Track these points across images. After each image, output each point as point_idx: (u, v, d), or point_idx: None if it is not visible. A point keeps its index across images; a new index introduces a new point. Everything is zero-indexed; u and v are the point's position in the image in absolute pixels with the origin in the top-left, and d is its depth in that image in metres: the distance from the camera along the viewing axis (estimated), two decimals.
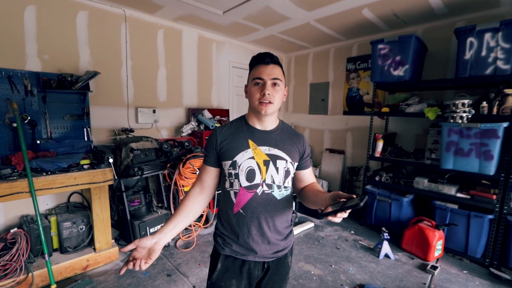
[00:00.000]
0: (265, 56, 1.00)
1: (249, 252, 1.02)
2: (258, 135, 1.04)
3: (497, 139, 2.21)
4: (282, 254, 1.08)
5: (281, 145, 1.05)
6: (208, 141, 1.08)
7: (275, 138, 1.06)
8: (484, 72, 2.35)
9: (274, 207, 1.02)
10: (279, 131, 1.08)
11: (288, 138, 1.08)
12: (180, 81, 3.44)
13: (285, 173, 1.04)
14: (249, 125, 1.06)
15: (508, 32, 2.20)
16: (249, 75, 1.04)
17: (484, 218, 2.38)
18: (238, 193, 1.01)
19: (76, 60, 2.60)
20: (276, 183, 1.02)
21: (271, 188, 1.01)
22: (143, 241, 0.87)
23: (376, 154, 3.13)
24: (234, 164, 1.00)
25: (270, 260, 1.05)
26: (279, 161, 1.02)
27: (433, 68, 3.15)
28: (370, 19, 3.05)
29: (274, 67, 0.99)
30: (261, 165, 1.00)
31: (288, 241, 1.09)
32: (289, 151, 1.05)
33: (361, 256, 2.62)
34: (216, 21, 3.21)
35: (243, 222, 1.01)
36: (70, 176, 2.10)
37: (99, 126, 2.79)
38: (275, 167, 1.02)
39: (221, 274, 1.04)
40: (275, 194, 1.02)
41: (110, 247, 2.43)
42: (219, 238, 1.07)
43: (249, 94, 1.02)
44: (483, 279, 2.28)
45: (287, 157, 1.04)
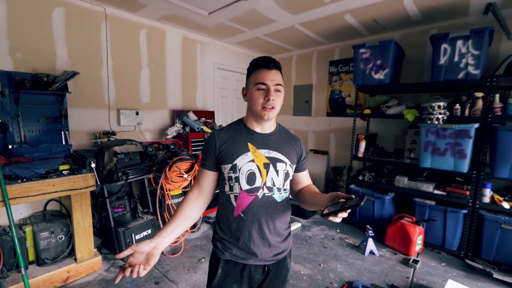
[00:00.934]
0: (268, 61, 0.99)
1: (250, 256, 1.02)
2: (257, 138, 1.05)
3: (470, 139, 2.38)
4: (282, 257, 1.08)
5: (280, 148, 1.06)
6: (206, 144, 1.07)
7: (273, 141, 1.06)
8: (457, 76, 2.52)
9: (274, 209, 1.03)
10: (277, 134, 1.09)
11: (286, 141, 1.09)
12: (164, 82, 3.36)
13: (285, 175, 1.05)
14: (248, 128, 1.06)
15: (477, 39, 2.38)
16: (250, 79, 1.03)
17: (459, 212, 2.54)
18: (239, 197, 1.00)
19: (52, 60, 2.45)
20: (276, 185, 1.03)
21: (271, 191, 1.02)
22: (141, 246, 0.83)
23: (359, 154, 3.24)
24: (234, 168, 1.00)
25: (270, 263, 1.05)
26: (279, 163, 1.03)
27: (410, 72, 3.32)
28: (352, 24, 3.17)
29: (276, 72, 1.00)
30: (262, 168, 1.01)
31: (287, 243, 1.10)
32: (288, 154, 1.07)
33: (348, 254, 2.70)
34: (201, 22, 3.17)
35: (243, 225, 1.00)
36: (48, 183, 1.97)
37: (78, 129, 2.65)
38: (275, 169, 1.03)
39: (221, 279, 1.03)
40: (275, 197, 1.03)
41: (92, 257, 2.30)
42: (219, 243, 1.06)
43: (251, 99, 1.01)
44: (459, 270, 2.43)
45: (286, 159, 1.05)
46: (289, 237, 1.12)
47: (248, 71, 1.05)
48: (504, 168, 2.27)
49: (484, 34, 2.34)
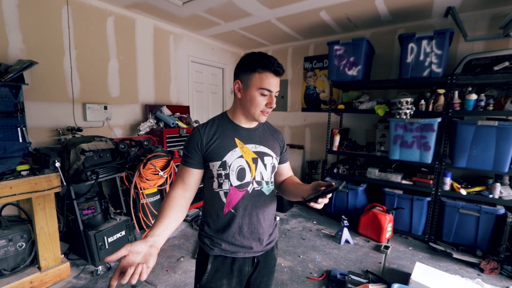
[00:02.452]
0: (278, 66, 0.94)
1: (239, 249, 1.02)
2: (244, 133, 1.04)
3: (433, 132, 2.58)
4: (270, 247, 1.10)
5: (265, 142, 1.07)
6: (190, 141, 1.00)
7: (259, 135, 1.07)
8: (422, 74, 2.70)
9: (263, 202, 1.04)
10: (261, 128, 1.10)
11: (270, 135, 1.11)
12: (134, 75, 3.16)
13: (272, 168, 1.07)
14: (233, 123, 1.04)
15: (440, 40, 2.57)
16: (253, 79, 0.94)
17: (424, 200, 2.76)
18: (229, 193, 0.99)
19: (4, 46, 2.17)
20: (265, 179, 1.04)
21: (260, 184, 1.03)
22: (137, 245, 0.73)
23: (333, 148, 3.36)
24: (224, 165, 0.98)
25: (259, 255, 1.07)
26: (266, 157, 1.05)
27: (379, 69, 3.50)
28: (326, 21, 3.24)
29: (279, 79, 0.98)
30: (251, 163, 1.01)
31: (275, 234, 1.13)
32: (273, 147, 1.09)
33: (325, 244, 2.80)
34: (175, 12, 3.02)
35: (234, 221, 1.00)
36: (4, 185, 1.77)
37: (37, 125, 2.39)
38: (263, 163, 1.04)
39: (211, 275, 1.02)
40: (264, 190, 1.04)
41: (59, 264, 2.13)
42: (207, 239, 1.03)
43: (252, 101, 0.96)
44: (424, 253, 2.65)
45: (272, 153, 1.07)
46: (276, 228, 1.15)
47: (249, 67, 0.95)
48: (462, 158, 2.50)
49: (445, 35, 2.53)
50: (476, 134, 2.38)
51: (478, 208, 2.48)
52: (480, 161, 2.41)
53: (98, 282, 2.11)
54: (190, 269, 2.30)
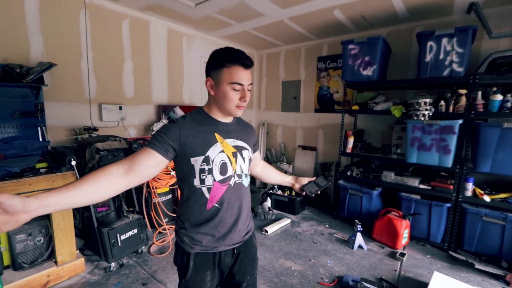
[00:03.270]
0: (246, 59, 0.95)
1: (219, 243, 1.04)
2: (222, 127, 1.05)
3: (454, 135, 2.45)
4: (248, 236, 1.15)
5: (241, 136, 1.11)
6: (166, 131, 0.93)
7: (235, 130, 1.10)
8: (442, 73, 2.57)
9: (244, 194, 1.10)
10: (235, 123, 1.13)
11: (244, 129, 1.16)
12: (148, 76, 3.22)
13: (249, 161, 1.13)
14: (211, 118, 1.04)
15: (462, 37, 2.44)
16: (223, 74, 0.94)
17: (443, 206, 2.62)
18: (212, 188, 1.00)
19: (26, 50, 2.27)
20: (244, 172, 1.09)
21: (241, 177, 1.07)
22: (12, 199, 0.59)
23: (347, 150, 3.27)
24: (208, 160, 0.97)
25: (238, 246, 1.10)
26: (244, 151, 1.09)
27: (396, 69, 3.38)
28: (340, 20, 3.16)
29: (250, 71, 1.00)
30: (231, 157, 1.04)
31: (251, 223, 1.18)
32: (248, 141, 1.14)
33: (337, 249, 2.72)
34: (188, 14, 3.06)
35: (218, 214, 1.02)
36: (23, 182, 1.84)
37: (56, 124, 2.49)
38: (242, 157, 1.08)
39: (195, 270, 1.03)
40: (244, 183, 1.09)
41: (74, 259, 2.19)
42: (186, 237, 1.03)
43: (224, 97, 0.96)
44: (443, 262, 2.51)
45: (248, 146, 1.12)
46: (251, 218, 1.20)
47: (218, 63, 0.94)
48: (486, 163, 2.35)
49: (468, 33, 2.40)
50: (502, 137, 2.23)
51: (504, 216, 2.33)
52: (506, 165, 2.26)
53: (111, 278, 2.16)
54: None
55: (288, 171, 4.28)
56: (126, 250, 2.39)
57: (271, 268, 2.36)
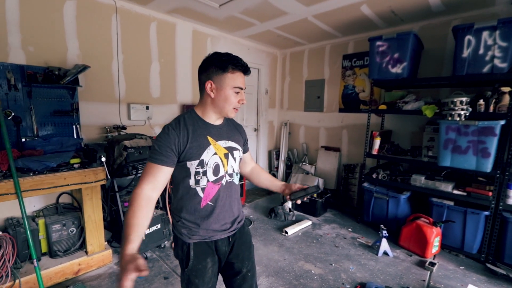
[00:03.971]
0: (246, 67, 1.07)
1: (216, 233, 1.12)
2: (214, 130, 1.10)
3: (494, 137, 2.24)
4: (241, 225, 1.22)
5: (232, 137, 1.16)
6: (164, 140, 0.99)
7: (226, 131, 1.15)
8: (481, 70, 2.36)
9: (235, 191, 1.18)
10: (225, 124, 1.17)
11: (234, 129, 1.21)
12: (174, 76, 3.32)
13: (239, 160, 1.20)
14: (203, 121, 1.09)
15: (506, 30, 2.22)
16: (226, 79, 1.03)
17: (480, 214, 2.41)
18: (206, 188, 1.07)
19: (63, 53, 2.45)
20: (235, 171, 1.17)
21: (232, 176, 1.15)
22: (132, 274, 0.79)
23: (373, 152, 3.13)
24: (202, 163, 1.04)
25: (232, 234, 1.17)
26: (235, 151, 1.16)
27: (429, 65, 3.16)
28: (367, 16, 3.03)
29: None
30: (223, 158, 1.10)
31: (242, 214, 1.25)
32: (238, 141, 1.19)
33: (360, 254, 2.61)
34: (212, 15, 3.11)
35: (212, 212, 1.10)
36: (59, 176, 1.98)
37: (89, 123, 2.65)
38: (233, 157, 1.15)
39: (196, 259, 1.09)
40: (234, 181, 1.17)
41: (103, 250, 2.32)
42: (184, 229, 1.10)
43: (226, 99, 1.04)
44: (479, 275, 2.31)
45: (238, 146, 1.19)
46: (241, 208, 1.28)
47: (221, 68, 1.02)
48: None
49: None
50: None
51: None
52: None
53: None
54: None
55: (310, 172, 4.19)
56: (150, 244, 2.48)
57: (291, 270, 2.32)
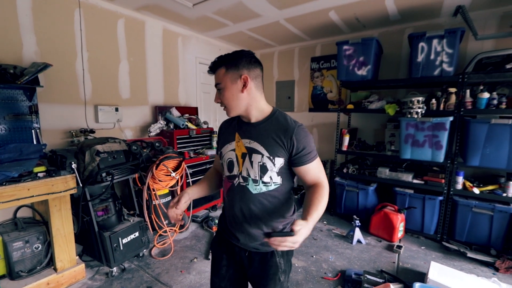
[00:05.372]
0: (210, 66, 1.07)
1: (230, 235, 1.12)
2: (244, 127, 1.07)
3: (445, 131, 2.58)
4: (265, 250, 1.06)
5: (261, 139, 1.00)
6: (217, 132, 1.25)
7: (258, 131, 1.02)
8: (433, 73, 2.70)
9: (249, 200, 1.03)
10: (266, 123, 1.03)
11: (273, 131, 1.00)
12: (144, 76, 3.17)
13: (261, 168, 1.00)
14: (239, 118, 1.11)
15: (451, 39, 2.57)
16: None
17: (436, 199, 2.75)
18: (224, 180, 1.14)
19: (18, 49, 2.18)
20: (251, 176, 1.01)
21: (246, 181, 1.03)
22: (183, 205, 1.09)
23: (343, 148, 3.36)
24: (221, 155, 1.12)
25: (253, 251, 1.08)
26: (255, 155, 1.00)
27: (387, 69, 3.50)
28: (334, 21, 3.25)
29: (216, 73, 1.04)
30: (239, 157, 1.05)
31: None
32: (269, 145, 0.99)
33: (337, 244, 2.79)
34: (184, 14, 3.04)
35: (226, 207, 1.15)
36: (22, 187, 1.77)
37: (51, 127, 2.40)
38: (250, 161, 1.01)
39: (214, 246, 1.21)
40: (249, 188, 1.02)
41: (74, 265, 2.13)
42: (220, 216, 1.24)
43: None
44: (437, 252, 2.64)
45: (265, 151, 0.99)
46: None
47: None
48: (475, 157, 2.49)
49: (457, 34, 2.53)
50: (490, 132, 2.38)
51: (492, 207, 2.47)
52: (493, 159, 2.41)
53: (114, 283, 2.12)
54: (204, 270, 2.29)
55: None
56: (128, 254, 2.34)
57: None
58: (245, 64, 0.99)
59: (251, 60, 1.01)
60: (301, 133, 0.99)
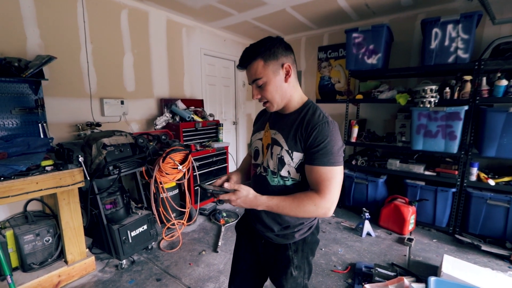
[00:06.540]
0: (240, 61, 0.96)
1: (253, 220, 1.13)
2: (274, 118, 1.07)
3: (460, 121, 2.48)
4: (278, 242, 1.05)
5: (285, 131, 0.97)
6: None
7: (285, 123, 0.99)
8: (447, 60, 2.59)
9: (267, 191, 0.97)
10: (295, 115, 0.98)
11: (297, 125, 0.95)
12: (149, 69, 3.13)
13: (279, 160, 0.97)
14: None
15: (467, 24, 2.45)
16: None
17: (449, 191, 2.67)
18: (251, 166, 1.15)
19: (22, 42, 2.16)
20: (270, 168, 1.01)
21: (266, 172, 1.03)
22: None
23: (352, 139, 3.28)
24: (251, 142, 1.16)
25: (267, 241, 1.09)
26: (276, 146, 0.99)
27: (398, 57, 3.38)
28: (343, 8, 3.13)
29: (250, 67, 0.94)
30: (265, 147, 1.05)
31: (288, 233, 1.04)
32: (289, 138, 0.95)
33: (346, 237, 2.76)
34: (188, 3, 2.96)
35: None
36: (30, 181, 1.77)
37: (57, 120, 2.39)
38: (271, 152, 1.01)
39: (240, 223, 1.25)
40: (268, 179, 1.02)
41: (84, 258, 2.15)
42: None
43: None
44: (449, 245, 2.58)
45: (285, 144, 0.96)
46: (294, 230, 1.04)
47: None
48: (491, 148, 2.39)
49: (473, 19, 2.41)
50: (508, 121, 2.27)
51: (508, 199, 2.39)
52: (511, 149, 2.31)
53: (123, 275, 2.13)
54: (213, 262, 2.29)
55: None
56: (137, 247, 2.35)
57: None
58: (283, 52, 0.93)
59: (287, 46, 0.96)
60: (324, 129, 0.89)
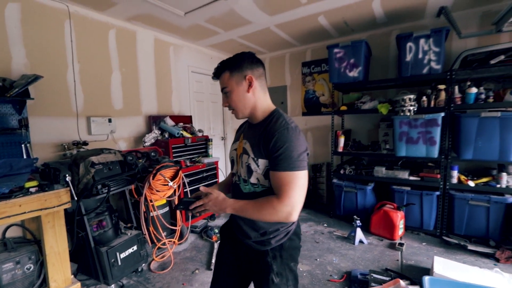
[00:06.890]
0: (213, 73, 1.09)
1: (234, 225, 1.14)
2: (247, 129, 1.13)
3: (438, 127, 2.64)
4: (257, 248, 1.06)
5: (252, 140, 1.03)
6: None
7: (253, 132, 1.06)
8: (422, 71, 2.78)
9: (242, 199, 1.01)
10: (261, 124, 1.03)
11: (260, 133, 0.99)
12: (137, 86, 3.13)
13: (247, 168, 1.01)
14: (248, 119, 1.16)
15: (437, 38, 2.67)
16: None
17: (433, 195, 2.79)
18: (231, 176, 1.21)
19: (7, 62, 2.12)
20: (242, 176, 1.06)
21: (239, 180, 1.08)
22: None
23: (339, 149, 3.38)
24: (230, 153, 1.18)
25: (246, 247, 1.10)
26: (244, 155, 1.04)
27: (377, 70, 3.59)
28: (324, 26, 3.32)
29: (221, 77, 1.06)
30: (238, 157, 1.10)
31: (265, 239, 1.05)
32: (254, 146, 1.00)
33: (339, 246, 2.77)
34: (175, 23, 3.04)
35: None
36: (13, 203, 1.68)
37: (42, 140, 2.32)
38: (241, 160, 1.06)
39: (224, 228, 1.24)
40: (241, 187, 1.07)
41: (69, 285, 2.02)
42: None
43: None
44: (438, 247, 2.65)
45: (251, 152, 1.01)
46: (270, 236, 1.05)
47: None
48: (468, 151, 2.55)
49: (442, 33, 2.63)
50: (480, 126, 2.45)
51: (488, 199, 2.52)
52: (486, 152, 2.47)
53: None
54: (207, 281, 2.22)
55: None
56: (126, 269, 2.25)
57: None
58: (248, 65, 1.03)
59: (253, 60, 1.06)
60: (282, 135, 0.92)
